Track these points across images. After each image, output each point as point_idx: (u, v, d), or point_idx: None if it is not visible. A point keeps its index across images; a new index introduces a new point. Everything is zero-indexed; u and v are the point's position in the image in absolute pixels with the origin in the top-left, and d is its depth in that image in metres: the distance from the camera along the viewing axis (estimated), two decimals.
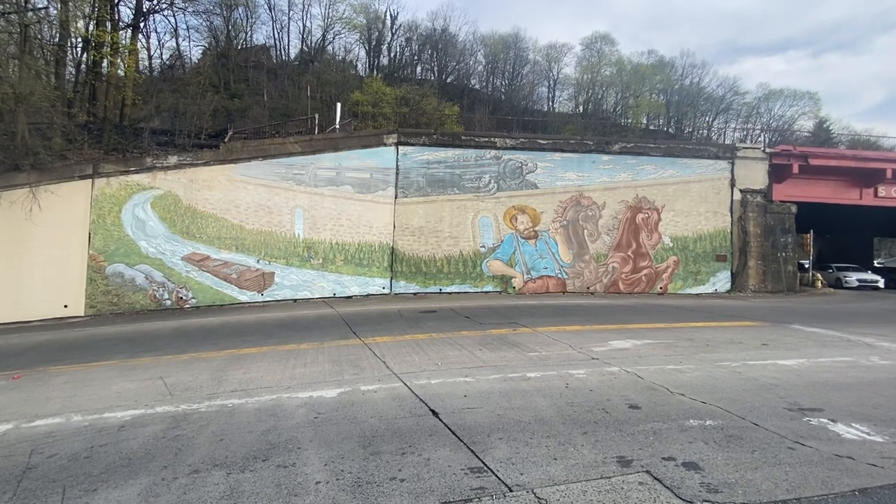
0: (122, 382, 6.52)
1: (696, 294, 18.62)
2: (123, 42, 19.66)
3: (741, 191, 19.61)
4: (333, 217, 16.74)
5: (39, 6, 16.38)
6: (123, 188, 14.43)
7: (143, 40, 27.49)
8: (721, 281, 19.29)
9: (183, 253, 14.97)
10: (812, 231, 22.77)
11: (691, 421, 4.70)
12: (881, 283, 23.62)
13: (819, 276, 23.17)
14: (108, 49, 18.62)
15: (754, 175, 19.78)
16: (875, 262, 32.36)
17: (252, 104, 28.78)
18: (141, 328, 11.51)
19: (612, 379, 6.19)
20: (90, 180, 14.08)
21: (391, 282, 17.36)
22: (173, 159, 15.09)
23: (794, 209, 20.04)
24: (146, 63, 28.81)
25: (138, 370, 7.23)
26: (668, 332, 9.68)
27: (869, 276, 24.22)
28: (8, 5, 14.64)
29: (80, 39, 19.45)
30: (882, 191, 21.15)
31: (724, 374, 6.48)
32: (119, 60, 19.50)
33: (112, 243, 14.21)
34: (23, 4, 15.30)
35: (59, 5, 16.41)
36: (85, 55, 19.63)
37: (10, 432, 4.77)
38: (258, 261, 15.83)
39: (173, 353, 8.47)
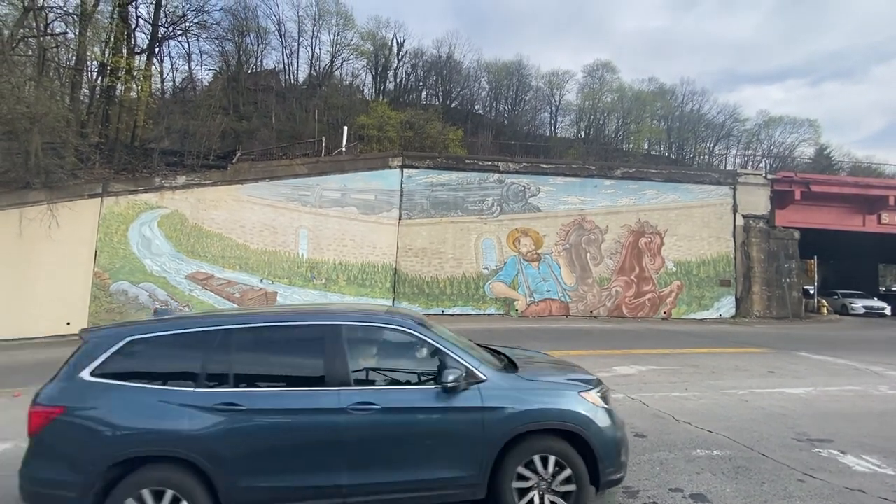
0: None
1: (701, 319, 18.44)
2: (138, 67, 20.24)
3: (744, 216, 19.65)
4: (337, 238, 16.84)
5: (58, 31, 16.99)
6: (131, 207, 14.62)
7: (157, 64, 28.27)
8: (725, 306, 19.14)
9: (187, 271, 15.04)
10: (816, 257, 22.71)
11: (698, 450, 4.62)
12: (888, 311, 23.36)
13: (825, 302, 22.96)
14: (124, 73, 19.16)
15: (756, 201, 19.85)
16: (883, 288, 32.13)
17: (260, 126, 29.32)
18: None
19: (617, 406, 6.09)
20: (99, 199, 14.29)
21: (394, 302, 17.30)
22: (182, 179, 15.33)
23: (797, 235, 20.03)
24: (158, 86, 29.55)
25: None
26: (672, 359, 9.58)
27: (875, 302, 23.98)
28: (28, 30, 15.18)
29: (96, 63, 20.05)
30: (885, 217, 21.16)
31: (731, 402, 6.39)
32: (133, 84, 20.03)
33: (117, 261, 14.30)
34: (42, 30, 15.85)
35: (77, 31, 16.99)
36: (100, 79, 20.19)
37: (9, 451, 4.73)
38: (261, 280, 15.86)
39: None
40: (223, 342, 3.24)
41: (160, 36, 22.70)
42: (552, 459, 3.25)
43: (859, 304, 23.63)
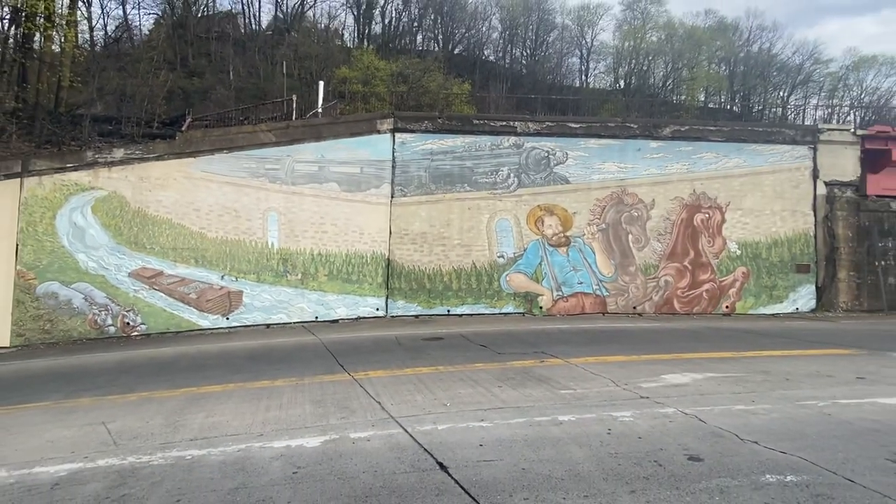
0: (57, 429, 6.60)
1: (772, 314, 18.44)
2: (60, 12, 20.18)
3: (826, 183, 19.48)
4: (315, 222, 16.90)
5: None
6: (59, 189, 14.71)
7: (84, 9, 28.22)
8: (803, 297, 19.09)
9: (130, 268, 15.18)
10: None
11: (768, 476, 4.66)
12: None
13: None
14: (43, 20, 19.11)
15: (843, 164, 19.64)
16: None
17: (215, 84, 29.32)
18: (79, 361, 11.65)
19: (667, 423, 6.15)
20: (18, 180, 14.36)
21: (387, 301, 17.42)
22: (119, 153, 15.38)
23: (894, 206, 19.85)
24: (87, 36, 29.51)
25: (76, 413, 7.31)
26: (736, 363, 9.61)
27: None
28: None
29: (7, 10, 20.00)
30: None
31: (809, 416, 6.41)
32: (55, 34, 19.99)
33: (44, 257, 14.45)
34: None
35: None
36: (14, 28, 20.16)
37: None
38: (223, 277, 15.99)
39: (118, 392, 8.56)
40: None
41: None
42: None
43: None
